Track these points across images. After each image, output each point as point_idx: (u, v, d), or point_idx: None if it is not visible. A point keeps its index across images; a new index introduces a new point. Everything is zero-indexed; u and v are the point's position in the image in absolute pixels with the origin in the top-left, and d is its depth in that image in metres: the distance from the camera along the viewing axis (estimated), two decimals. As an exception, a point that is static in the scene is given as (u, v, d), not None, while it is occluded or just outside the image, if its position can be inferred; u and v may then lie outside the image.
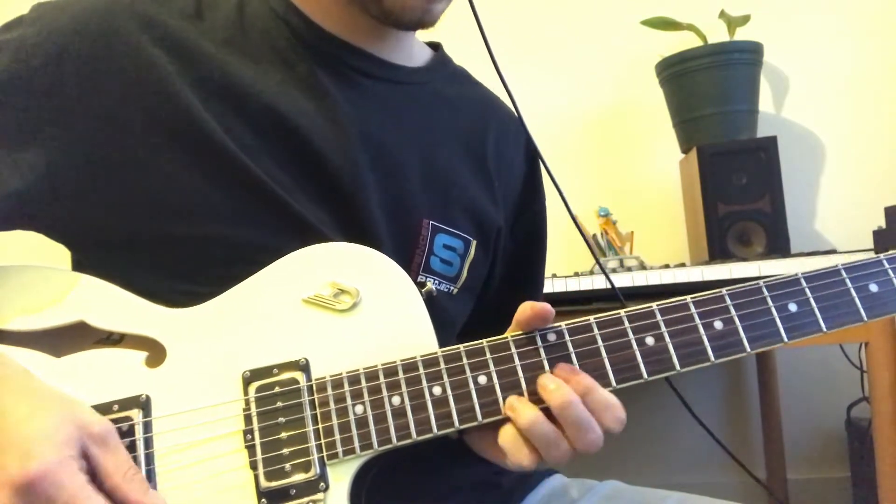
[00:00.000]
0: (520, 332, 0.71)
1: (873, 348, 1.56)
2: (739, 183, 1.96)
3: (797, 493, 2.04)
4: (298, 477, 0.67)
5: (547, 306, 0.69)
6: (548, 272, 1.60)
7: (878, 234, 1.71)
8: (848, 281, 0.71)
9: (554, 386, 0.67)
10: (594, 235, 2.12)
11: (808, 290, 0.71)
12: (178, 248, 0.77)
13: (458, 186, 0.89)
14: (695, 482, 2.25)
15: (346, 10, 0.84)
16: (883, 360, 1.55)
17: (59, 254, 0.84)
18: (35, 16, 0.79)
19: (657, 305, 0.71)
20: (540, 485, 0.96)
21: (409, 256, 0.84)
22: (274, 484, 0.66)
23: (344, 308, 0.72)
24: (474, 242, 0.89)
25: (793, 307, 0.70)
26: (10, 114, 0.76)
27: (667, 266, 1.89)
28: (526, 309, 0.70)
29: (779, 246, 1.91)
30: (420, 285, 0.77)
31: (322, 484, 0.67)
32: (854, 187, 2.23)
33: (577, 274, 1.80)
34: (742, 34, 2.11)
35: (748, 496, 2.21)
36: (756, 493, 2.23)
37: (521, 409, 0.67)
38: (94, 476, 0.60)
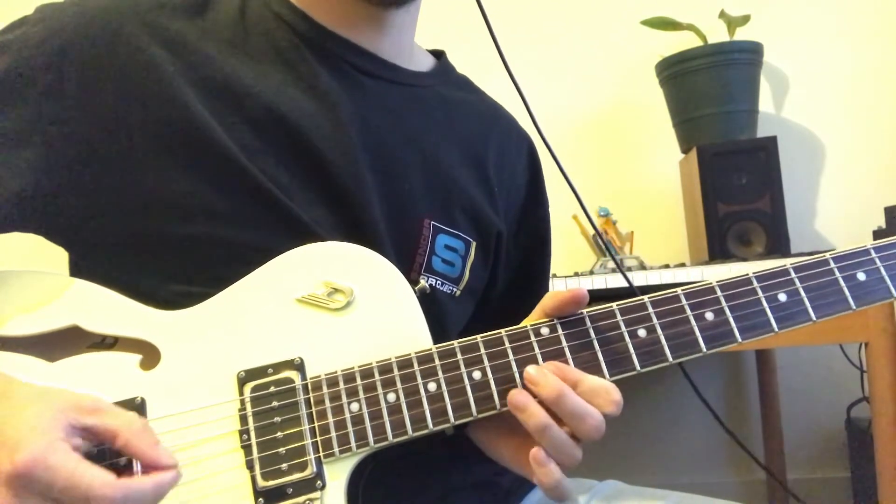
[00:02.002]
0: (515, 327, 0.71)
1: (873, 348, 1.56)
2: (739, 183, 1.96)
3: (797, 492, 2.04)
4: (295, 476, 0.67)
5: (582, 289, 0.69)
6: (547, 272, 1.60)
7: (878, 235, 1.71)
8: (836, 270, 0.72)
9: (543, 380, 0.67)
10: (594, 235, 2.12)
11: (797, 281, 0.71)
12: (175, 248, 0.77)
13: (459, 188, 0.89)
14: (695, 482, 2.25)
15: (342, 4, 0.84)
16: (883, 360, 1.55)
17: (56, 256, 0.84)
18: (38, 16, 0.80)
19: (648, 298, 0.71)
20: (539, 485, 0.96)
21: (410, 256, 0.84)
22: (270, 483, 0.67)
23: (338, 307, 0.72)
24: (474, 244, 0.89)
25: (783, 297, 0.71)
26: (11, 113, 0.76)
27: (667, 266, 1.89)
28: (560, 294, 0.70)
29: (779, 246, 1.91)
30: (413, 283, 0.77)
31: (319, 482, 0.67)
32: (854, 187, 2.23)
33: (577, 274, 1.80)
34: (742, 34, 2.11)
35: (749, 496, 2.21)
36: (756, 493, 2.23)
37: (532, 409, 0.66)
38: (104, 445, 0.60)
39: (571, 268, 1.99)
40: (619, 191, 2.31)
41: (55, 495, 0.56)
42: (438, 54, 0.99)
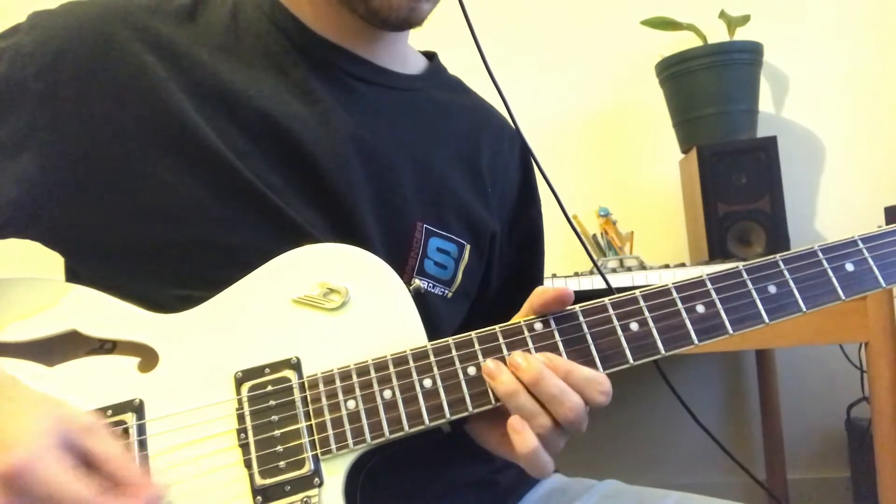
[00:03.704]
0: (509, 323, 0.72)
1: (873, 348, 1.56)
2: (739, 183, 1.96)
3: (797, 493, 2.04)
4: (293, 473, 0.67)
5: (567, 289, 0.70)
6: (548, 272, 1.60)
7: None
8: (825, 262, 0.72)
9: (525, 364, 0.67)
10: (594, 235, 2.12)
11: (786, 272, 0.72)
12: (171, 252, 0.77)
13: (452, 191, 0.90)
14: (695, 482, 2.25)
15: (336, 13, 0.84)
16: (883, 360, 1.55)
17: (53, 261, 0.84)
18: (31, 24, 0.80)
19: (640, 292, 0.72)
20: (539, 484, 0.96)
21: (402, 259, 0.84)
22: (268, 481, 0.67)
23: (333, 307, 0.72)
24: (468, 247, 0.90)
25: (772, 289, 0.71)
26: (6, 122, 0.76)
27: (667, 266, 1.90)
28: (547, 292, 0.70)
29: (779, 246, 1.91)
30: (407, 282, 0.78)
31: (316, 479, 0.67)
32: (854, 187, 2.23)
33: (577, 274, 1.81)
34: (742, 34, 2.12)
35: (748, 496, 2.21)
36: (756, 493, 2.22)
37: (500, 376, 0.68)
38: (89, 466, 0.60)
39: (571, 268, 1.99)
40: (619, 191, 2.31)
41: (39, 500, 0.57)
42: (430, 56, 0.99)
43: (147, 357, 0.71)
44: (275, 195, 0.78)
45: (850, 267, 0.72)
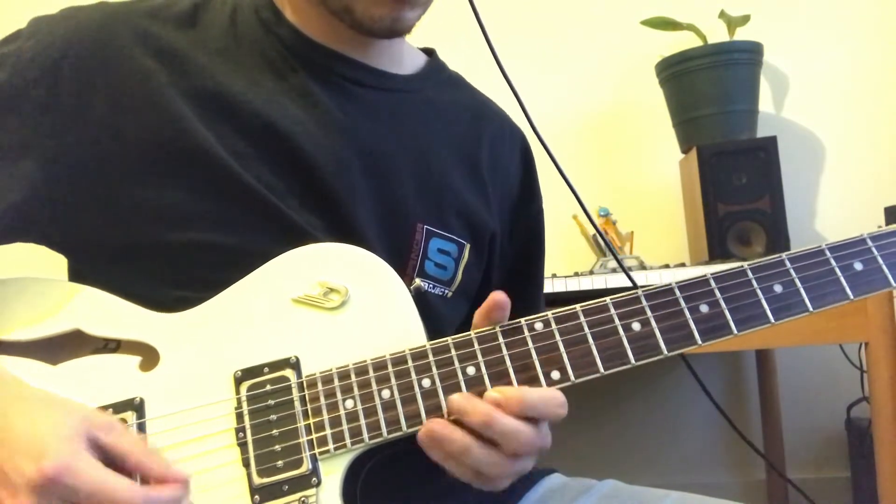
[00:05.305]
0: (508, 322, 0.72)
1: (873, 348, 1.56)
2: (739, 183, 1.96)
3: (797, 493, 2.04)
4: (290, 473, 0.67)
5: (499, 293, 0.70)
6: (548, 272, 1.60)
7: (878, 234, 1.71)
8: (832, 260, 0.71)
9: (471, 408, 0.66)
10: (594, 235, 2.12)
11: (792, 271, 0.71)
12: (172, 254, 0.78)
13: (452, 191, 0.90)
14: (695, 482, 2.25)
15: (328, 21, 0.85)
16: (883, 360, 1.55)
17: (57, 263, 0.84)
18: (32, 29, 0.81)
19: (642, 291, 0.71)
20: (538, 483, 0.96)
21: (403, 261, 0.85)
22: (266, 480, 0.67)
23: (333, 306, 0.72)
24: (468, 246, 0.90)
25: (778, 288, 0.70)
26: (8, 127, 0.77)
27: (667, 266, 1.89)
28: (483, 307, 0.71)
29: (779, 246, 1.91)
30: (408, 283, 0.78)
31: (314, 479, 0.67)
32: (854, 187, 2.23)
33: (577, 274, 1.80)
34: (742, 34, 2.11)
35: (748, 496, 2.21)
36: (756, 493, 2.22)
37: (450, 435, 0.66)
38: (113, 462, 0.61)
39: (571, 268, 1.99)
40: (619, 191, 2.31)
41: (79, 501, 0.57)
42: (429, 52, 0.99)
43: (149, 356, 0.72)
44: (275, 197, 0.78)
45: (858, 266, 0.71)
